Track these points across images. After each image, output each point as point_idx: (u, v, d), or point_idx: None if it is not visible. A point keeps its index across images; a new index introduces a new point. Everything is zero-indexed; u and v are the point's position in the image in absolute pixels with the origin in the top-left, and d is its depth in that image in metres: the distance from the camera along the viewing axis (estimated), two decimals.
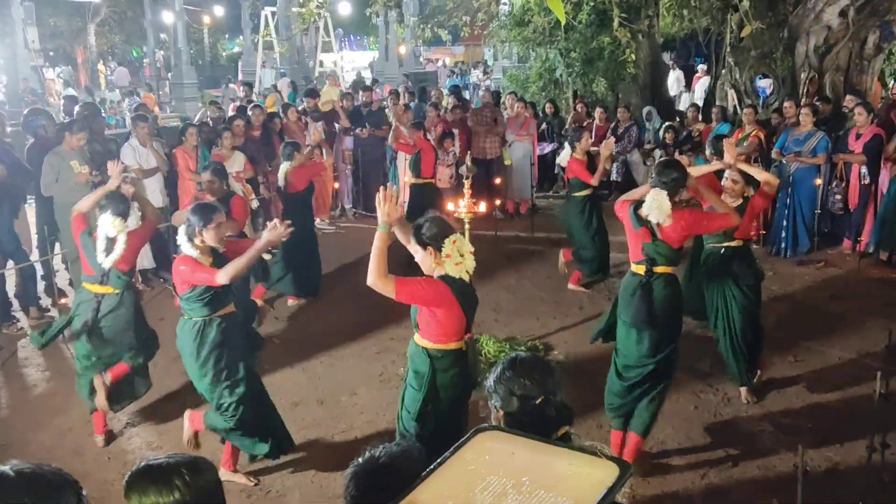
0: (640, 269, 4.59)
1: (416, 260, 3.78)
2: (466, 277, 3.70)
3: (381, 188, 3.65)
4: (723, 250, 5.47)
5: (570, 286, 7.76)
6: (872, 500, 4.10)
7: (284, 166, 7.37)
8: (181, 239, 4.43)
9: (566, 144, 7.73)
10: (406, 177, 9.27)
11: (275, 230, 4.34)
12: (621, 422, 4.75)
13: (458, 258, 3.62)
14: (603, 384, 5.64)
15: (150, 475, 2.00)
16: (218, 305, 4.50)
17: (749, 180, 5.49)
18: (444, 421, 3.81)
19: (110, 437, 5.27)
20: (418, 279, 3.69)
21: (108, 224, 4.91)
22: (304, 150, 7.59)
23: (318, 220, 9.94)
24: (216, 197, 6.05)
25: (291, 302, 7.73)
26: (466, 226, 5.44)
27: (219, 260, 4.47)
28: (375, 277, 3.53)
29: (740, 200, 5.41)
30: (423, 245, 3.67)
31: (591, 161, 7.51)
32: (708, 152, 7.47)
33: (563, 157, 7.85)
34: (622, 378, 4.68)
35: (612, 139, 7.56)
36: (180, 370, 5.76)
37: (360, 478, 1.99)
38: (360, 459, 2.04)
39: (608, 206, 6.40)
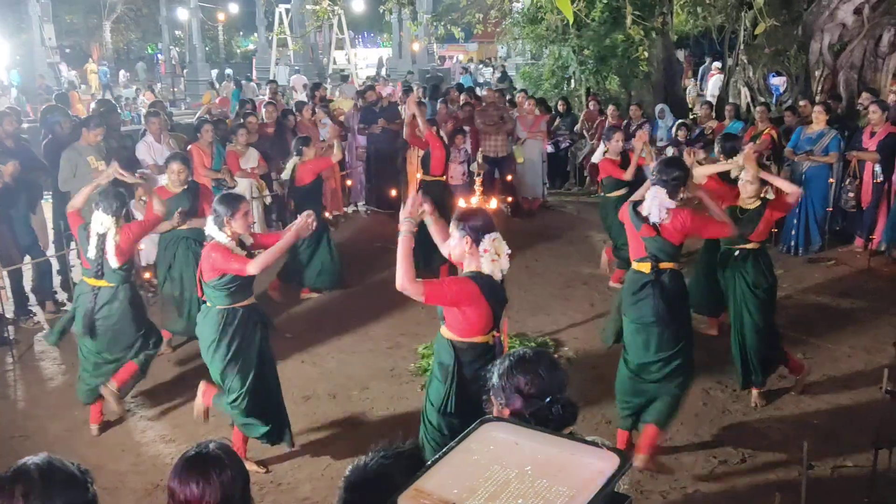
0: (643, 267, 4.60)
1: (448, 243, 3.76)
2: (498, 276, 3.67)
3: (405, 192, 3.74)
4: (737, 252, 5.39)
5: (612, 284, 7.64)
6: (878, 497, 4.12)
7: (294, 160, 7.54)
8: (211, 229, 4.49)
9: (602, 143, 7.54)
10: (418, 173, 9.26)
11: (304, 221, 4.45)
12: (632, 421, 4.75)
13: (494, 255, 3.61)
14: (613, 380, 5.67)
15: (192, 467, 2.11)
16: (241, 296, 4.58)
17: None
18: (468, 415, 3.67)
19: (105, 426, 5.37)
20: (447, 281, 3.70)
21: (97, 221, 5.01)
22: (317, 146, 7.67)
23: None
24: (184, 186, 6.23)
25: (304, 295, 7.80)
26: None
27: (247, 252, 4.57)
28: (405, 282, 3.46)
29: (758, 202, 5.35)
30: (462, 231, 3.62)
31: (626, 159, 7.48)
32: (717, 150, 7.45)
33: (597, 156, 7.66)
34: (638, 377, 4.65)
35: (645, 131, 7.50)
36: (195, 363, 5.86)
37: (354, 486, 2.03)
38: (352, 468, 2.06)
39: None
